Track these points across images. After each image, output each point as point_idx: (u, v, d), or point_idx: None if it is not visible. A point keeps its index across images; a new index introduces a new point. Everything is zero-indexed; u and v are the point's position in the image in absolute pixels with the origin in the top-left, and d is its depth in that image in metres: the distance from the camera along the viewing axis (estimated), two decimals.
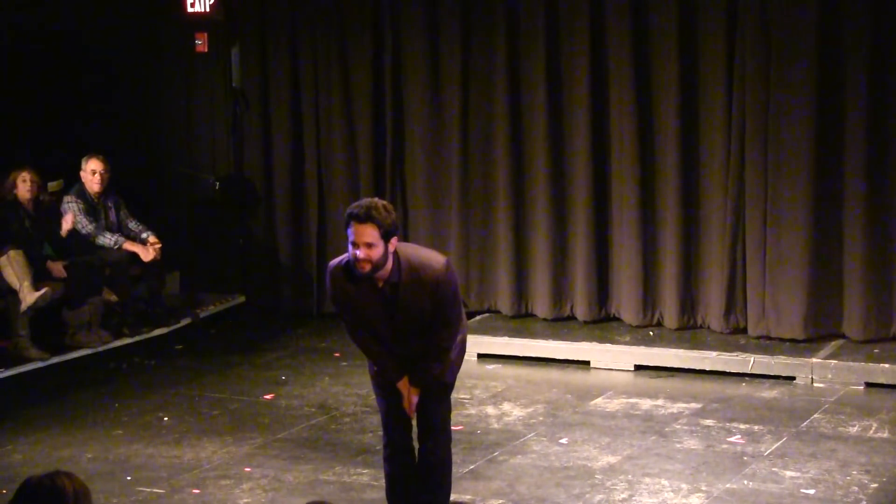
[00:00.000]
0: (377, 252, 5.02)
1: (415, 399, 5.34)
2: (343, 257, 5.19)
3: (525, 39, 9.33)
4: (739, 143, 8.76)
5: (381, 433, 5.65)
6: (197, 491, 6.47)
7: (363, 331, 5.33)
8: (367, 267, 5.04)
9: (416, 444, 5.59)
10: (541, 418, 7.60)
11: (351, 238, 5.04)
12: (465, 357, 8.91)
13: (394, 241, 5.08)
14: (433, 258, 5.22)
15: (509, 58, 9.36)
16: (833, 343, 8.62)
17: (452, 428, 7.32)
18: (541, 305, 9.47)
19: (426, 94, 9.74)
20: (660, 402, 7.88)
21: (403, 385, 5.33)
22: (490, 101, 9.52)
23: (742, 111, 8.73)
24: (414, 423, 5.50)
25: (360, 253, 5.01)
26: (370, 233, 4.99)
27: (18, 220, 8.91)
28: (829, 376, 8.17)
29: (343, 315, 5.41)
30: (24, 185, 8.93)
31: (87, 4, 10.58)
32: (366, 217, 4.99)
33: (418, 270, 5.13)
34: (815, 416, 7.52)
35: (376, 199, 5.14)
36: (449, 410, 5.50)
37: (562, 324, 9.38)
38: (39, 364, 8.68)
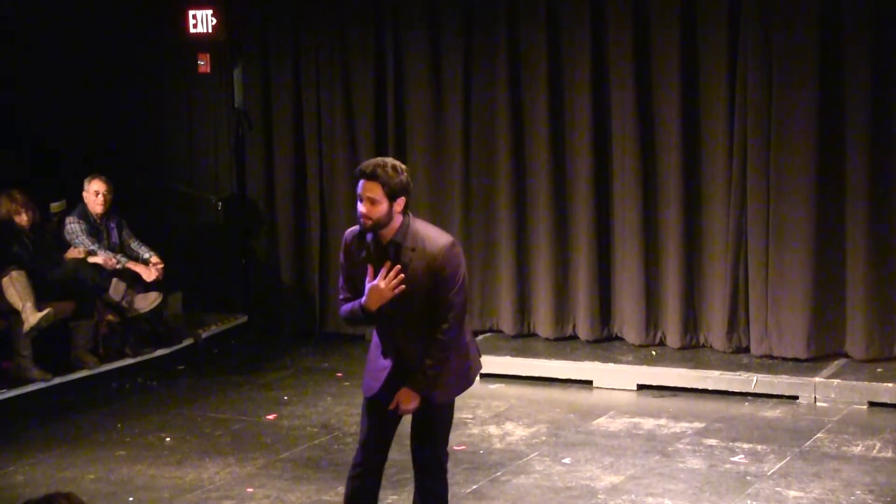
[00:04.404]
0: (379, 210, 5.01)
1: (408, 405, 5.17)
2: None
3: (527, 79, 9.36)
4: (741, 162, 8.77)
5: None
6: None
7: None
8: (368, 223, 5.04)
9: (383, 469, 5.44)
10: (543, 438, 7.59)
11: (358, 191, 5.05)
12: None
13: (400, 201, 5.04)
14: (441, 234, 5.17)
15: (510, 94, 9.38)
16: (836, 362, 8.61)
17: (455, 448, 7.34)
18: (543, 325, 9.46)
19: (430, 117, 9.76)
20: (663, 421, 7.87)
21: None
22: (491, 126, 9.54)
23: (744, 131, 8.74)
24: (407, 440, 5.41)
25: (363, 207, 5.02)
26: (373, 188, 4.99)
27: (19, 242, 8.92)
28: (833, 395, 8.16)
29: (344, 284, 5.27)
30: (20, 218, 8.94)
31: (91, 25, 10.61)
32: (371, 174, 5.01)
33: (424, 239, 5.09)
34: (819, 435, 7.51)
35: (388, 159, 5.12)
36: (446, 441, 5.37)
37: (564, 343, 9.37)
38: (41, 385, 8.68)
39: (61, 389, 8.77)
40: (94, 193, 9.30)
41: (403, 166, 5.09)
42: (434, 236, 5.13)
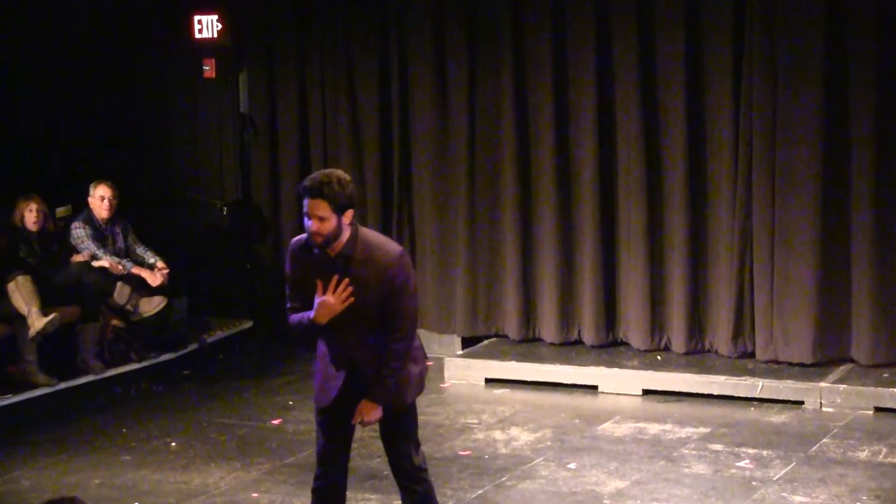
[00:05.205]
0: (329, 225, 5.04)
1: (372, 415, 5.20)
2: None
3: (532, 82, 9.34)
4: (746, 167, 8.77)
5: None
6: None
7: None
8: (319, 240, 5.08)
9: (346, 478, 5.47)
10: (549, 443, 7.58)
11: (304, 210, 5.07)
12: (473, 381, 9.01)
13: (349, 213, 5.08)
14: (390, 244, 5.24)
15: (515, 98, 9.37)
16: (842, 367, 8.59)
17: (460, 453, 7.34)
18: (548, 330, 9.45)
19: (434, 120, 9.75)
20: (668, 426, 7.86)
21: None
22: (496, 131, 9.51)
23: (749, 135, 8.73)
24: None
25: (312, 226, 5.05)
26: (322, 206, 5.02)
27: (27, 247, 8.93)
28: (838, 401, 8.15)
29: (291, 293, 5.31)
30: (30, 216, 8.96)
31: (96, 30, 10.63)
32: (317, 193, 5.03)
33: (373, 250, 5.14)
34: (824, 440, 7.49)
35: (332, 172, 5.12)
36: (416, 444, 5.37)
37: (569, 348, 9.36)
38: (47, 390, 8.66)
39: (66, 394, 8.76)
40: (100, 198, 9.31)
41: (348, 177, 5.12)
42: (384, 247, 5.18)
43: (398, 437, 5.31)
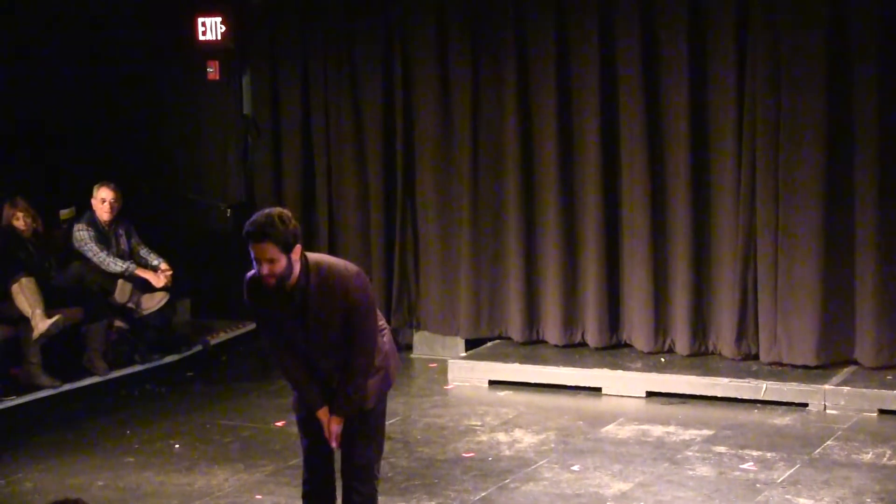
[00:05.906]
0: (279, 266, 5.07)
1: (336, 428, 5.26)
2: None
3: (535, 82, 9.34)
4: (750, 168, 8.76)
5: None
6: None
7: (284, 349, 5.30)
8: (272, 281, 5.11)
9: (335, 478, 5.50)
10: (552, 445, 7.58)
11: (252, 255, 5.09)
12: (476, 383, 9.01)
13: (297, 249, 5.11)
14: (343, 265, 5.26)
15: (518, 99, 9.37)
16: (846, 369, 8.58)
17: (464, 455, 7.34)
18: (552, 332, 9.45)
19: (437, 122, 9.75)
20: (672, 428, 7.86)
21: (324, 413, 5.28)
22: (499, 132, 9.52)
23: (752, 136, 8.73)
24: (338, 455, 5.41)
25: (264, 269, 5.08)
26: (269, 249, 5.04)
27: (23, 248, 8.93)
28: (842, 403, 8.14)
29: (263, 331, 5.42)
30: (18, 223, 8.97)
31: (99, 31, 10.64)
32: (262, 236, 5.04)
33: (326, 275, 5.16)
34: (829, 443, 7.49)
35: (273, 212, 5.13)
36: (378, 452, 5.41)
37: (573, 350, 9.35)
38: (51, 391, 8.68)
39: (70, 396, 8.77)
40: (101, 201, 9.31)
41: (289, 213, 5.14)
42: (336, 267, 5.22)
43: (357, 434, 5.31)
